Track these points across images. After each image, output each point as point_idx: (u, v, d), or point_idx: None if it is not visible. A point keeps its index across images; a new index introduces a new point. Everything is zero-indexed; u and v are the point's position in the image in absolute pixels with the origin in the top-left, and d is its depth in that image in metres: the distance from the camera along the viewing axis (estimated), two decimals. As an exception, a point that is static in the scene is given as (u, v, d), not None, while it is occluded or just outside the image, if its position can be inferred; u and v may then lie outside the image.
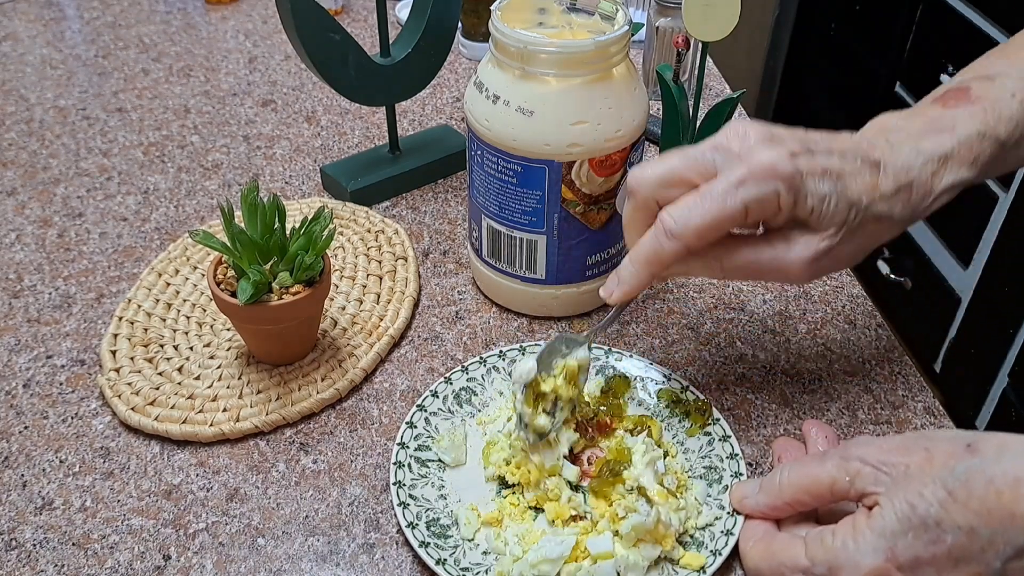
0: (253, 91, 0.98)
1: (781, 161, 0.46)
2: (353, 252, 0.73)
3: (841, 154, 0.49)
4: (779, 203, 0.47)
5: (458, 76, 1.02)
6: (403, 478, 0.53)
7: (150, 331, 0.65)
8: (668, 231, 0.48)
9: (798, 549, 0.45)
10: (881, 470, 0.43)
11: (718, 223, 0.47)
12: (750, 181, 0.46)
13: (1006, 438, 0.41)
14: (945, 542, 0.40)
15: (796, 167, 0.47)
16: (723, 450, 0.54)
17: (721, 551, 0.49)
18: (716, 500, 0.52)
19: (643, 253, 0.49)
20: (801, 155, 0.47)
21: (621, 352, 0.62)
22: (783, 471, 0.48)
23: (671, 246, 0.48)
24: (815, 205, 0.48)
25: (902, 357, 0.65)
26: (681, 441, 0.56)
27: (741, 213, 0.47)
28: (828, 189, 0.48)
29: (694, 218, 0.47)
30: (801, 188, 0.47)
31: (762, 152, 0.47)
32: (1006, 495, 0.38)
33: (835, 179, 0.48)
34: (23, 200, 0.80)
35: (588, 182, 0.60)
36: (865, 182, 0.48)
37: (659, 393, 0.59)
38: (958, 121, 0.51)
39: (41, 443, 0.57)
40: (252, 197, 0.56)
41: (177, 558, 0.51)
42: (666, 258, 0.48)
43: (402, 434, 0.55)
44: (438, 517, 0.51)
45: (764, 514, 0.49)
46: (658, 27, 0.89)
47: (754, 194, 0.46)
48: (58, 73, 1.02)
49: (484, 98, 0.60)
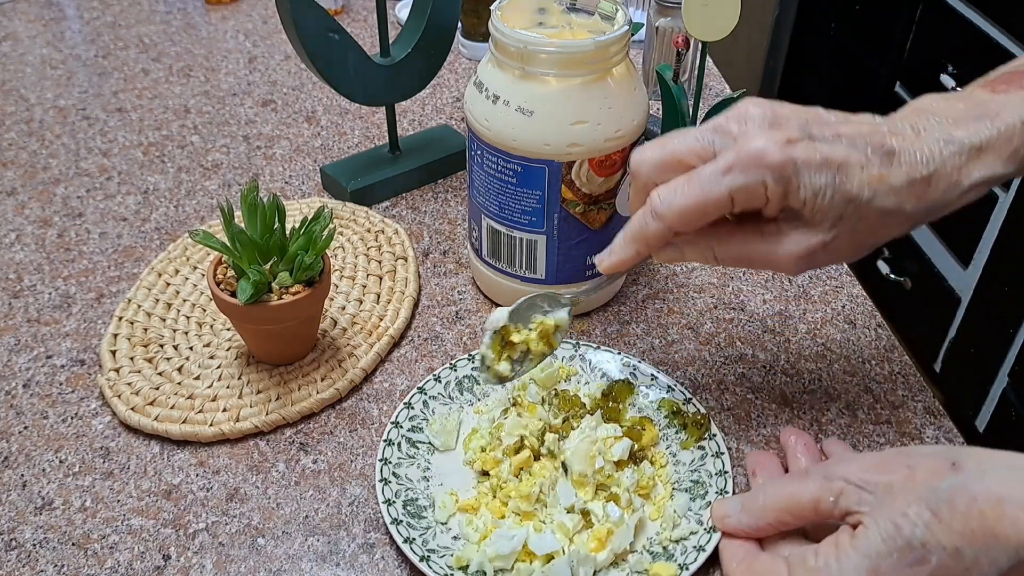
0: (253, 91, 0.98)
1: (771, 149, 0.44)
2: (353, 252, 0.73)
3: (850, 140, 0.45)
4: (766, 193, 0.45)
5: (458, 76, 1.02)
6: (390, 455, 0.53)
7: (150, 331, 0.65)
8: (653, 210, 0.47)
9: (781, 572, 0.44)
10: (865, 489, 0.42)
11: (702, 208, 0.46)
12: (736, 168, 0.44)
13: (989, 455, 0.41)
14: (930, 562, 0.39)
15: (788, 156, 0.44)
16: (713, 466, 0.54)
17: (689, 566, 0.48)
18: (696, 515, 0.51)
19: (631, 229, 0.49)
20: (800, 142, 0.44)
21: (630, 356, 0.61)
22: (765, 491, 0.47)
23: (655, 226, 0.47)
24: (807, 198, 0.45)
25: (902, 357, 0.65)
26: (674, 453, 0.56)
27: (726, 200, 0.45)
28: (824, 181, 0.45)
29: (678, 200, 0.46)
30: (793, 179, 0.44)
31: (755, 138, 0.44)
32: (989, 515, 0.38)
33: (835, 170, 0.45)
34: (23, 200, 0.80)
35: (588, 182, 0.60)
36: (871, 174, 0.45)
37: (660, 403, 0.58)
38: (1004, 107, 0.46)
39: (41, 443, 0.57)
40: (252, 197, 0.56)
41: (177, 558, 0.51)
42: (650, 237, 0.48)
43: (398, 414, 0.55)
44: (416, 497, 0.52)
45: (747, 534, 0.48)
46: (658, 27, 0.89)
47: (740, 182, 0.44)
48: (58, 73, 1.02)
49: (484, 98, 0.60)
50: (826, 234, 0.46)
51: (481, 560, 0.48)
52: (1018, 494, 0.38)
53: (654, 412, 0.58)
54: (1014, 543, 0.37)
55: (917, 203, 0.46)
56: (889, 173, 0.45)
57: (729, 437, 0.58)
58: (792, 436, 0.54)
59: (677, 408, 0.57)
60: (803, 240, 0.47)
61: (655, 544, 0.50)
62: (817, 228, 0.46)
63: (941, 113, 0.47)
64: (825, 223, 0.46)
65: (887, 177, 0.45)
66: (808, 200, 0.45)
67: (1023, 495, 0.38)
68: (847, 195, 0.45)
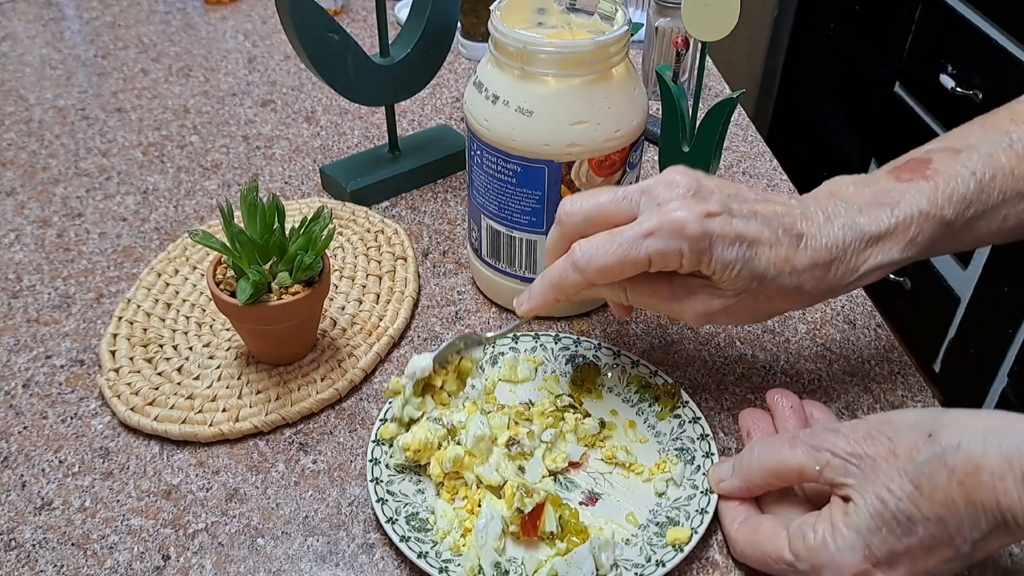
0: (252, 91, 0.98)
1: (691, 221, 0.47)
2: (353, 252, 0.73)
3: (766, 220, 0.49)
4: (681, 260, 0.48)
5: (458, 76, 1.02)
6: (380, 475, 0.53)
7: (149, 331, 0.65)
8: (574, 263, 0.49)
9: (782, 541, 0.46)
10: (850, 462, 0.44)
11: (621, 267, 0.48)
12: (657, 234, 0.47)
13: (966, 421, 0.43)
14: (917, 533, 0.42)
15: (706, 229, 0.47)
16: (693, 431, 0.56)
17: (697, 529, 0.50)
18: (689, 480, 0.53)
19: (551, 277, 0.51)
20: (718, 217, 0.47)
21: (591, 340, 0.62)
22: (753, 452, 0.49)
23: (575, 278, 0.50)
24: (717, 268, 0.48)
25: (902, 357, 0.65)
26: (652, 425, 0.57)
27: (644, 262, 0.48)
28: (735, 256, 0.48)
29: (598, 257, 0.48)
30: (707, 251, 0.48)
31: (677, 209, 0.47)
32: (967, 483, 0.40)
33: (746, 246, 0.48)
34: (23, 200, 0.80)
35: (588, 182, 0.60)
36: (779, 254, 0.49)
37: (629, 379, 0.60)
38: (904, 197, 0.50)
39: (40, 443, 0.57)
40: (252, 197, 0.56)
41: (176, 558, 0.51)
42: (569, 287, 0.51)
43: (377, 431, 0.55)
44: (416, 511, 0.52)
45: (740, 495, 0.50)
46: (658, 27, 0.89)
47: (659, 248, 0.47)
48: (57, 73, 1.02)
49: (484, 98, 0.60)
50: (729, 300, 0.50)
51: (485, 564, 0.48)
52: (994, 462, 0.40)
53: (623, 389, 0.60)
54: (992, 509, 0.40)
55: (816, 284, 0.50)
56: (795, 255, 0.49)
57: (728, 437, 0.58)
58: (778, 396, 0.56)
59: (646, 382, 0.59)
60: (707, 301, 0.50)
61: (659, 515, 0.52)
62: (722, 294, 0.50)
63: (850, 198, 0.51)
64: (730, 291, 0.50)
65: (793, 259, 0.49)
66: (717, 270, 0.49)
67: (998, 463, 0.40)
68: (753, 271, 0.49)
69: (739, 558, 0.49)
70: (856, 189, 0.52)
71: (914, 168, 0.52)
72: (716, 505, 0.51)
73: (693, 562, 0.50)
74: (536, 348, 0.62)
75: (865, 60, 1.84)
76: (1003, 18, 1.37)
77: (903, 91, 1.68)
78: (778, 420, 0.55)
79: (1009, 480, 0.39)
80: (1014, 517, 0.39)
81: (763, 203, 0.50)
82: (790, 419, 0.54)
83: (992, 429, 0.41)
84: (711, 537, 0.52)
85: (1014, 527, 0.40)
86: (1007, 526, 0.40)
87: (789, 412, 0.54)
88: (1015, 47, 1.35)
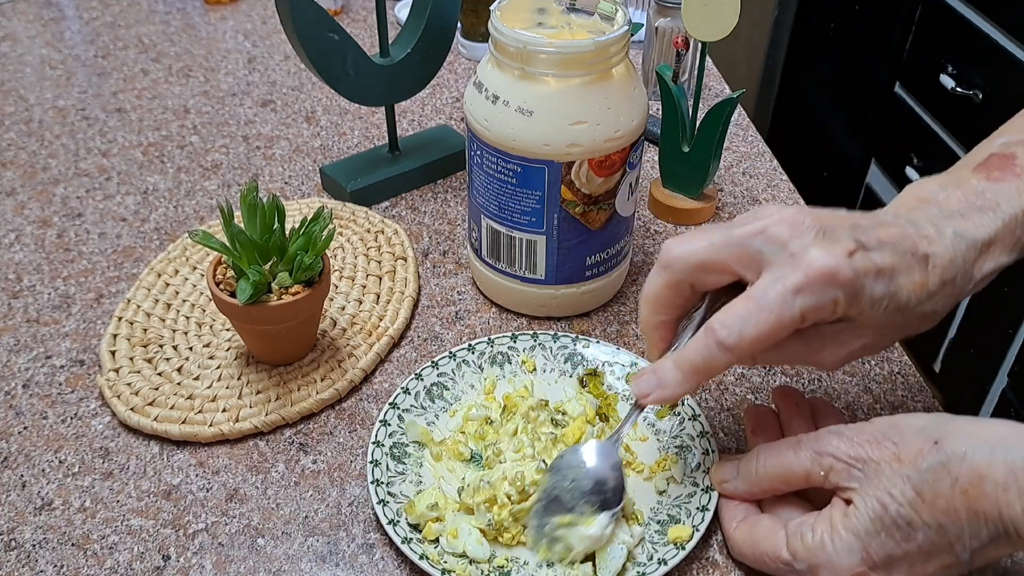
0: (252, 91, 0.98)
1: (842, 267, 0.43)
2: (353, 252, 0.73)
3: (893, 247, 0.45)
4: (835, 309, 0.44)
5: (458, 76, 1.02)
6: (380, 476, 0.53)
7: (149, 331, 0.65)
8: (721, 343, 0.44)
9: (780, 540, 0.46)
10: (854, 466, 0.44)
11: (775, 334, 0.44)
12: (808, 289, 0.43)
13: (973, 430, 0.42)
14: (916, 539, 0.42)
15: (855, 270, 0.43)
16: (693, 429, 0.56)
17: (699, 527, 0.50)
18: (690, 477, 0.53)
19: (693, 361, 0.46)
20: (857, 253, 0.43)
21: (588, 339, 0.62)
22: (759, 458, 0.49)
23: (725, 358, 0.45)
24: (866, 309, 0.44)
25: (902, 357, 0.65)
26: (652, 423, 0.57)
27: (798, 322, 0.44)
28: (883, 292, 0.44)
29: (749, 330, 0.43)
30: (859, 293, 0.44)
31: (819, 255, 0.43)
32: (970, 493, 0.40)
33: (888, 279, 0.44)
34: (22, 200, 0.80)
35: (588, 182, 0.60)
36: (914, 281, 0.45)
37: (627, 377, 0.60)
38: (1002, 198, 0.47)
39: (40, 443, 0.57)
40: (251, 197, 0.56)
41: (176, 558, 0.51)
42: (718, 369, 0.45)
43: (376, 432, 0.55)
44: None
45: (743, 498, 0.50)
46: (658, 27, 0.89)
47: (812, 303, 0.43)
48: (57, 73, 1.02)
49: (483, 98, 0.60)
50: (867, 338, 0.47)
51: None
52: (998, 473, 0.40)
53: (623, 387, 0.60)
54: (994, 519, 0.40)
55: (947, 303, 0.47)
56: (927, 278, 0.45)
57: (729, 437, 0.58)
58: (785, 394, 0.55)
59: None
60: (848, 344, 0.47)
61: (660, 513, 0.52)
62: (862, 333, 0.46)
63: (943, 204, 0.48)
64: (870, 328, 0.46)
65: (926, 283, 0.45)
66: (866, 310, 0.45)
67: (1003, 474, 0.39)
68: (899, 304, 0.45)
69: (737, 557, 0.49)
70: (946, 193, 0.48)
71: (1002, 165, 0.49)
72: (717, 503, 0.51)
73: (693, 562, 0.50)
74: (535, 347, 0.62)
75: (865, 60, 1.84)
76: (1003, 18, 1.37)
77: (903, 91, 1.68)
78: (784, 419, 0.54)
79: (1013, 492, 0.39)
80: (1016, 528, 0.39)
81: (881, 228, 0.46)
82: (796, 418, 0.53)
83: (1000, 439, 0.41)
84: (711, 537, 0.52)
85: (1015, 537, 0.40)
86: (1008, 536, 0.40)
87: (795, 411, 0.54)
88: (1015, 47, 1.35)
